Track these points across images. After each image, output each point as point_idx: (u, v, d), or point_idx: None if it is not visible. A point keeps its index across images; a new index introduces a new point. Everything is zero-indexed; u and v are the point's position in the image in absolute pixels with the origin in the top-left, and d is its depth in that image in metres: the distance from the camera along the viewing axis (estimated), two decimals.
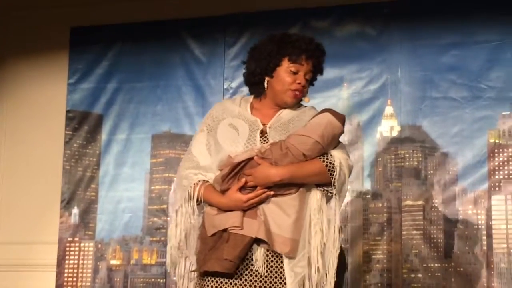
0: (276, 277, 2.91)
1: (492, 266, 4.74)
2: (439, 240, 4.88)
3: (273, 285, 2.91)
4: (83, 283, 5.50)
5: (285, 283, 2.90)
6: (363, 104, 5.14)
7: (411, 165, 5.03)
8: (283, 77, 3.06)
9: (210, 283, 2.94)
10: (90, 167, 5.63)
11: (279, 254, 2.92)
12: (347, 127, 5.05)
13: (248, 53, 3.16)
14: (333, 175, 2.98)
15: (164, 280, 5.36)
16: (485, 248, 4.78)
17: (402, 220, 4.94)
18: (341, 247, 3.07)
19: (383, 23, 5.14)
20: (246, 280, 2.91)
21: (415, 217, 4.93)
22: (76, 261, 5.53)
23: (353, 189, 5.06)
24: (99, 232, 5.54)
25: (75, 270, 5.52)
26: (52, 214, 5.59)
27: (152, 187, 5.53)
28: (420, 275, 4.86)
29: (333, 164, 2.98)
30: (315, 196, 2.99)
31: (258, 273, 2.91)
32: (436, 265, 4.85)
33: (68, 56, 5.79)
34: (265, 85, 3.09)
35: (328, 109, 3.11)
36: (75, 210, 5.58)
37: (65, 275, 5.52)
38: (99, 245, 5.53)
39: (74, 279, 5.51)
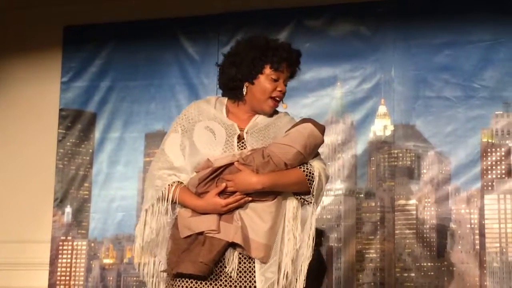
0: (246, 281, 2.93)
1: (484, 265, 4.75)
2: (432, 239, 4.89)
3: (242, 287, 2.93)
4: (76, 282, 5.49)
5: (255, 287, 2.92)
6: (356, 103, 5.15)
7: (404, 164, 5.03)
8: (264, 84, 3.06)
9: (181, 284, 2.95)
10: (83, 165, 5.62)
11: (251, 258, 2.94)
12: (340, 126, 5.11)
13: (225, 58, 3.13)
14: (311, 184, 3.00)
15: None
16: (477, 247, 4.80)
17: (395, 219, 4.95)
18: (320, 254, 3.09)
19: (376, 22, 5.15)
20: (217, 282, 2.92)
21: (408, 216, 4.94)
22: (69, 260, 5.52)
23: (346, 188, 5.07)
24: (92, 230, 5.54)
25: (68, 269, 5.51)
26: (45, 212, 5.58)
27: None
28: (413, 274, 4.87)
29: (313, 174, 3.01)
30: (291, 203, 3.02)
31: (230, 276, 2.93)
32: (429, 264, 4.86)
33: (61, 55, 5.78)
34: (244, 91, 3.09)
35: (309, 119, 3.12)
36: (68, 209, 5.57)
37: (58, 274, 5.51)
38: (92, 244, 5.52)
39: (67, 278, 5.50)
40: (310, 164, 3.03)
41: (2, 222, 5.68)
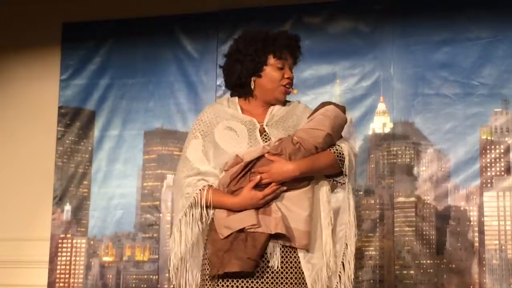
0: (292, 272, 2.93)
1: (484, 262, 4.76)
2: (431, 237, 4.89)
3: (290, 279, 2.92)
4: (76, 280, 5.49)
5: (302, 276, 2.93)
6: (355, 100, 5.15)
7: (404, 161, 5.04)
8: (272, 74, 3.09)
9: (226, 285, 2.93)
10: (83, 163, 5.62)
11: (292, 248, 2.94)
12: None
13: (227, 57, 3.16)
14: (343, 164, 3.02)
15: (156, 276, 5.36)
16: (477, 244, 4.80)
17: (394, 217, 4.95)
18: None
19: (375, 19, 5.14)
20: (263, 277, 2.92)
21: (407, 213, 4.94)
22: (68, 258, 5.52)
23: None
24: (92, 228, 5.54)
25: (68, 267, 5.52)
26: (45, 210, 5.58)
27: (145, 184, 5.52)
28: (412, 272, 4.87)
29: (343, 154, 3.03)
30: (324, 187, 3.04)
31: (274, 269, 2.92)
32: (428, 261, 4.86)
33: (60, 52, 5.77)
34: (252, 86, 3.10)
35: (329, 102, 3.15)
36: (68, 207, 5.57)
37: (58, 271, 5.51)
38: (92, 242, 5.52)
39: (67, 275, 5.50)
40: (339, 145, 3.05)
41: (1, 220, 5.68)
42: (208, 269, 2.99)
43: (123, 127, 5.60)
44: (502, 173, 4.84)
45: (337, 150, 3.03)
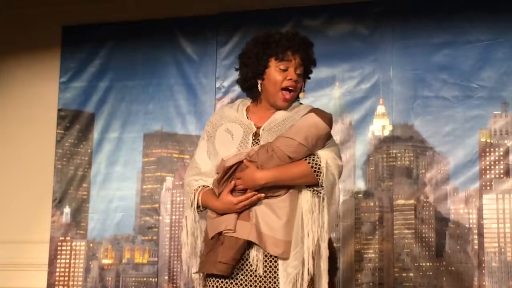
0: (271, 278, 2.94)
1: (483, 265, 4.76)
2: (430, 239, 4.89)
3: (268, 285, 2.94)
4: (75, 282, 5.49)
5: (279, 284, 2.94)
6: (355, 103, 5.15)
7: (403, 164, 5.03)
8: (274, 76, 3.07)
9: (211, 284, 2.99)
10: (82, 166, 5.62)
11: (273, 255, 2.95)
12: (339, 126, 5.10)
13: (238, 59, 3.18)
14: (319, 176, 2.98)
15: (156, 279, 5.35)
16: (476, 247, 4.80)
17: (393, 219, 4.95)
18: (333, 248, 3.09)
19: (375, 22, 5.14)
20: (244, 280, 2.95)
21: (406, 216, 4.93)
22: (67, 260, 5.52)
23: (345, 188, 5.06)
24: (91, 231, 5.53)
25: (67, 269, 5.51)
26: (44, 213, 5.58)
27: (144, 186, 5.52)
28: (411, 274, 4.87)
29: (319, 165, 2.98)
30: (306, 196, 3.00)
31: (255, 274, 2.94)
32: (427, 264, 4.86)
33: (60, 55, 5.78)
34: (259, 88, 3.10)
35: (315, 109, 3.11)
36: (67, 209, 5.57)
37: (57, 274, 5.51)
38: (91, 244, 5.52)
39: (66, 278, 5.50)
40: (317, 155, 3.00)
41: (0, 223, 5.68)
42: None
43: (122, 129, 5.60)
44: (502, 175, 4.84)
45: (313, 160, 2.98)
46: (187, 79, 5.51)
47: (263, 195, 2.95)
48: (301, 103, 3.19)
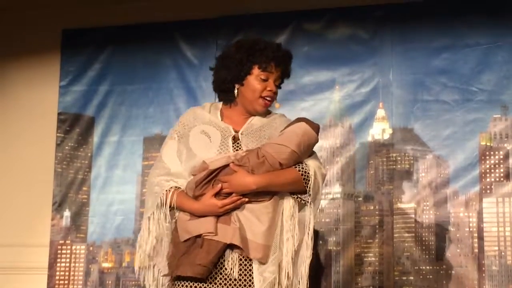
0: (246, 281, 2.96)
1: (483, 268, 4.76)
2: (430, 243, 4.89)
3: None
4: (75, 286, 5.49)
5: (253, 287, 2.95)
6: (355, 106, 5.15)
7: (403, 167, 5.04)
8: (254, 84, 3.10)
9: (182, 287, 2.98)
10: (82, 169, 5.62)
11: (249, 259, 2.97)
12: (338, 129, 5.11)
13: (216, 60, 3.21)
14: (307, 183, 3.02)
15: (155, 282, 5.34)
16: (476, 250, 4.80)
17: (393, 223, 4.95)
18: (317, 257, 3.11)
19: (375, 26, 5.15)
20: (217, 284, 2.96)
21: (406, 219, 4.94)
22: (67, 264, 5.52)
23: (345, 192, 5.07)
24: (91, 234, 5.53)
25: (67, 273, 5.51)
26: (44, 216, 5.58)
27: (144, 190, 5.48)
28: (411, 278, 4.87)
29: (308, 173, 3.03)
30: (288, 203, 3.04)
31: (229, 277, 2.95)
32: (427, 267, 4.86)
33: (60, 58, 5.78)
34: (235, 93, 3.11)
35: (303, 118, 3.16)
36: (67, 213, 5.57)
37: (57, 278, 5.50)
38: (91, 248, 5.52)
39: (66, 282, 5.50)
40: (306, 164, 3.05)
41: (0, 226, 5.68)
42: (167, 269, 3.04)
43: (122, 133, 5.60)
44: (502, 179, 4.84)
45: (302, 168, 3.03)
46: (187, 83, 5.52)
47: (247, 199, 2.97)
48: (270, 112, 3.23)
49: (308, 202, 3.04)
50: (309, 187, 3.02)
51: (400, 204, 4.98)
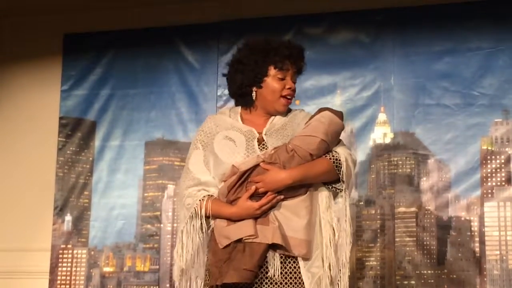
0: (292, 281, 2.93)
1: (485, 273, 4.75)
2: (432, 247, 4.88)
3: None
4: None
5: (302, 286, 2.91)
6: (356, 111, 5.15)
7: (404, 171, 5.03)
8: (272, 85, 3.08)
9: None
10: (83, 174, 5.62)
11: (292, 257, 2.93)
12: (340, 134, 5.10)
13: (230, 66, 3.17)
14: (340, 171, 3.00)
15: (157, 287, 5.35)
16: (478, 255, 4.79)
17: (395, 227, 4.95)
18: None
19: (376, 30, 5.15)
20: (262, 287, 2.92)
21: (408, 224, 4.93)
22: (69, 268, 5.52)
23: None
24: (92, 239, 5.53)
25: (68, 277, 5.51)
26: (45, 221, 5.58)
27: (146, 194, 5.52)
28: (413, 282, 4.86)
29: (339, 160, 3.01)
30: (323, 194, 3.03)
31: (274, 279, 2.91)
32: (429, 272, 4.85)
33: (61, 63, 5.78)
34: (254, 96, 3.11)
35: (326, 107, 3.14)
36: (68, 217, 5.57)
37: (58, 282, 5.50)
38: (92, 252, 5.51)
39: (67, 286, 5.49)
40: (336, 151, 3.03)
41: (2, 230, 5.68)
42: (208, 279, 2.98)
43: (124, 137, 5.60)
44: (503, 183, 4.84)
45: (333, 156, 3.01)
46: (189, 87, 5.52)
47: (282, 196, 2.94)
48: (290, 109, 3.21)
49: (342, 190, 3.02)
50: (342, 174, 3.00)
51: (402, 208, 4.97)
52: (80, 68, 5.74)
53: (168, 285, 5.32)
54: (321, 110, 3.11)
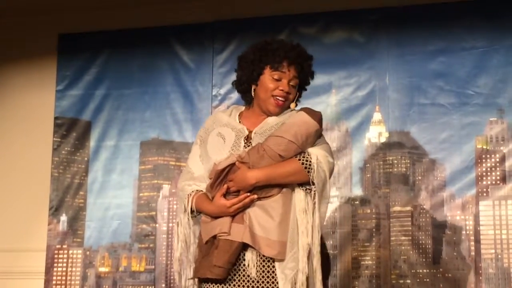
0: (268, 281, 2.94)
1: (480, 271, 4.76)
2: (427, 246, 4.89)
3: (266, 287, 2.93)
4: None
5: (277, 286, 2.92)
6: (351, 110, 5.16)
7: (400, 171, 5.04)
8: (266, 84, 3.09)
9: None
10: (79, 174, 5.62)
11: (271, 258, 2.94)
12: (335, 133, 5.11)
13: (237, 61, 3.20)
14: (311, 173, 2.98)
15: (153, 287, 5.35)
16: (473, 253, 4.80)
17: (390, 226, 4.95)
18: (326, 252, 3.08)
19: (371, 29, 5.16)
20: (239, 285, 2.94)
21: (403, 223, 4.94)
22: (64, 269, 5.51)
23: (342, 195, 5.07)
24: (88, 239, 5.53)
25: (64, 278, 5.50)
26: (40, 221, 5.57)
27: (141, 194, 5.52)
28: (408, 281, 4.87)
29: (310, 161, 2.99)
30: (299, 196, 3.00)
31: (251, 277, 2.93)
32: (424, 270, 4.86)
33: (56, 63, 5.78)
34: (252, 93, 3.12)
35: (305, 108, 3.13)
36: (64, 217, 5.56)
37: (54, 282, 5.49)
38: (88, 252, 5.51)
39: (63, 286, 5.49)
40: (308, 153, 3.01)
41: None
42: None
43: (119, 137, 5.60)
44: (498, 182, 4.84)
45: (303, 157, 2.99)
46: (184, 87, 5.52)
47: (256, 196, 2.95)
48: (292, 110, 3.20)
49: (313, 192, 3.00)
50: (312, 177, 2.98)
51: (397, 208, 4.98)
52: (75, 68, 5.74)
53: (163, 285, 5.32)
54: (300, 110, 3.11)
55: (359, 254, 4.97)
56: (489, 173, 4.86)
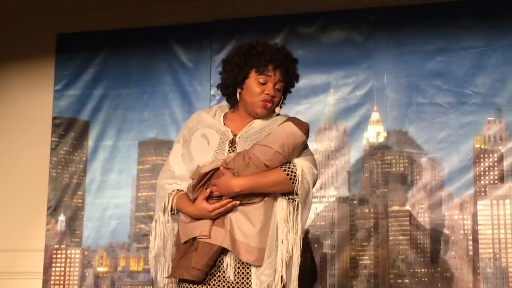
0: (244, 285, 2.96)
1: (478, 271, 4.76)
2: (425, 246, 4.89)
3: None
4: None
5: None
6: (349, 110, 5.16)
7: (398, 170, 5.04)
8: (252, 88, 3.10)
9: None
10: (77, 174, 5.61)
11: (248, 262, 2.96)
12: (333, 133, 5.12)
13: (222, 64, 3.21)
14: (295, 183, 2.99)
15: (151, 287, 5.35)
16: (471, 253, 4.80)
17: (388, 226, 4.95)
18: (313, 261, 3.11)
19: (369, 29, 5.16)
20: (217, 286, 2.96)
21: (401, 222, 4.94)
22: (62, 269, 5.51)
23: (340, 195, 5.07)
24: (86, 239, 5.52)
25: (62, 278, 5.50)
26: (39, 221, 5.57)
27: (139, 194, 5.52)
28: (407, 281, 4.87)
29: (295, 172, 3.01)
30: (281, 205, 3.03)
31: (228, 280, 2.95)
32: (422, 270, 4.86)
33: (54, 63, 5.77)
34: (237, 97, 3.12)
35: (292, 118, 3.14)
36: (62, 217, 5.56)
37: (52, 282, 5.49)
38: (86, 252, 5.51)
39: (61, 286, 5.49)
40: (293, 164, 3.03)
41: None
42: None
43: (117, 137, 5.60)
44: (496, 181, 4.85)
45: (289, 168, 3.01)
46: (182, 86, 5.52)
47: (238, 202, 2.97)
48: (277, 114, 3.21)
49: (296, 202, 3.02)
50: (297, 187, 3.00)
51: (395, 207, 4.98)
52: (73, 68, 5.73)
53: (161, 285, 5.31)
54: (287, 120, 3.12)
55: (357, 254, 4.97)
56: (487, 173, 4.87)
